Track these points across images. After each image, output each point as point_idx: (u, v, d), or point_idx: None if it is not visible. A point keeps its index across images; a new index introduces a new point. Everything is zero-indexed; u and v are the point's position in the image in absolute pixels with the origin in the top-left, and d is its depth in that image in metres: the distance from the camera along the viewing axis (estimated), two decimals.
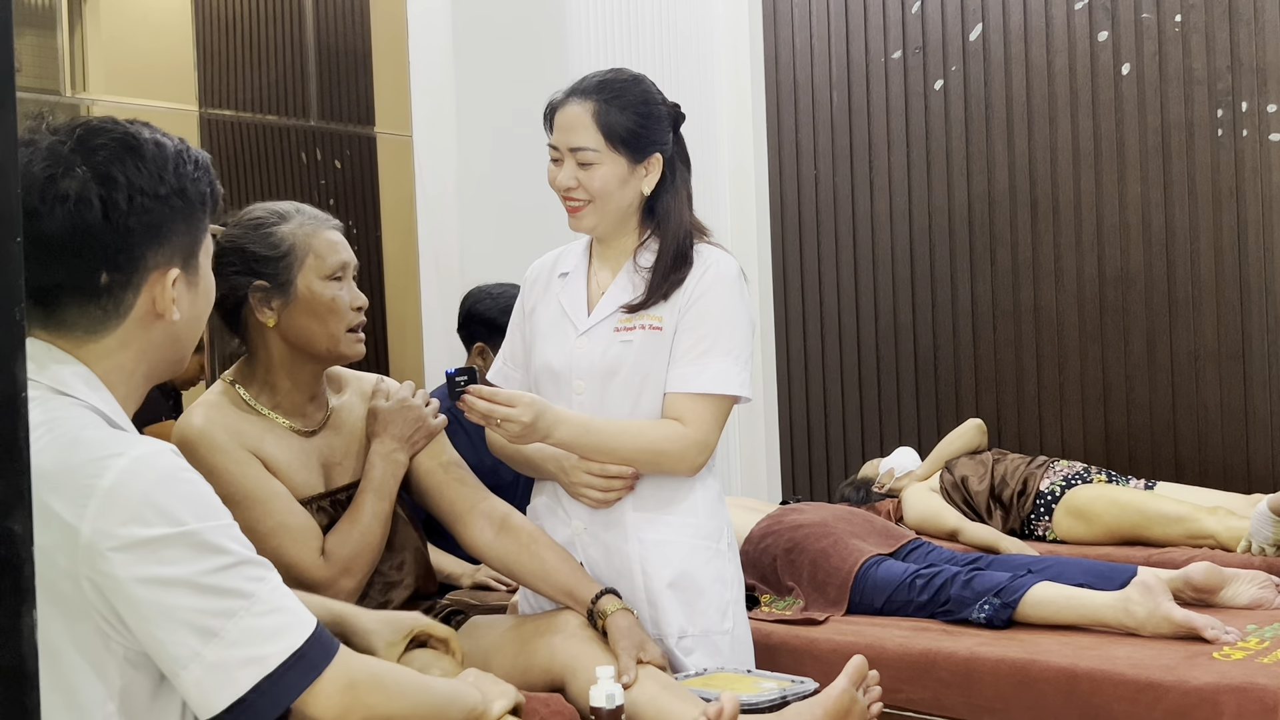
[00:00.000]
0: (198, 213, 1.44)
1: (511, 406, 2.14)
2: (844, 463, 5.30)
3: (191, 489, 1.33)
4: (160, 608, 1.28)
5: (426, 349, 4.07)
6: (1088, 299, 4.69)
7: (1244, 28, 4.35)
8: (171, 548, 1.28)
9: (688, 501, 2.36)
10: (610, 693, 1.83)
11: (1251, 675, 2.42)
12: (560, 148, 2.31)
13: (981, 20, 4.90)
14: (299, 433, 2.12)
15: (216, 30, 3.58)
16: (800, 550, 3.26)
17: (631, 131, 2.29)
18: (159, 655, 1.30)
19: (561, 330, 2.37)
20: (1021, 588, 2.92)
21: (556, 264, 2.48)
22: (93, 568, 1.26)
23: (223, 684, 1.30)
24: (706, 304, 2.30)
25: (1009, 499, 4.11)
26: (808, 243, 5.38)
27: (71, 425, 1.32)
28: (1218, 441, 4.46)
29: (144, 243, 1.38)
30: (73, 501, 1.26)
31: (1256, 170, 4.35)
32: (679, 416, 2.29)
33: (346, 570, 2.06)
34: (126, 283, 1.38)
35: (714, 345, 2.29)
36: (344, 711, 1.39)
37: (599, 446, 2.26)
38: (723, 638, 2.35)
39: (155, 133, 1.43)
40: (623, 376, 2.31)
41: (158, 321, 1.42)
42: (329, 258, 2.10)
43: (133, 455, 1.29)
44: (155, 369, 1.46)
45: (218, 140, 3.57)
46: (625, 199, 2.32)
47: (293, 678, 1.33)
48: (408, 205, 4.06)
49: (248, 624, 1.31)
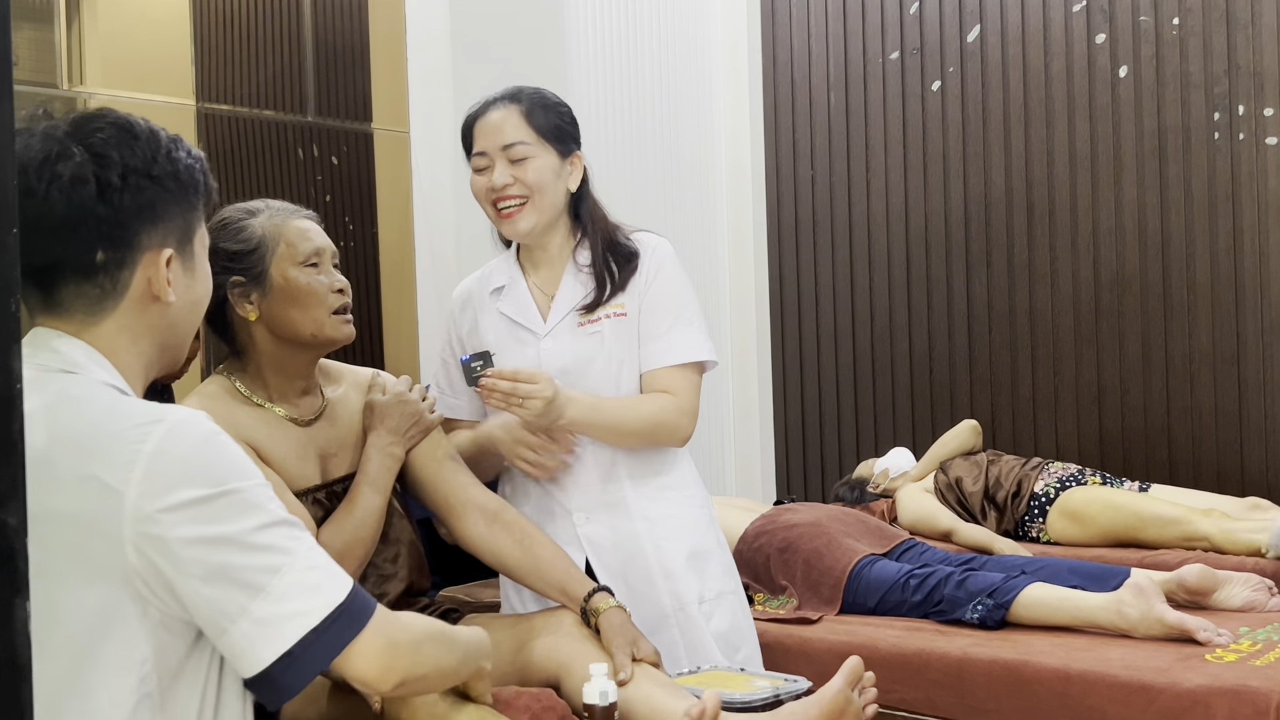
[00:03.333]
0: (191, 198, 1.48)
1: (534, 383, 2.18)
2: (838, 463, 5.30)
3: (231, 450, 1.36)
4: (209, 565, 1.30)
5: (422, 345, 4.07)
6: (1083, 302, 4.70)
7: (1241, 32, 4.36)
8: (217, 506, 1.31)
9: (678, 472, 2.47)
10: (604, 690, 1.84)
11: (1244, 678, 2.42)
12: (489, 151, 2.35)
13: (979, 22, 4.90)
14: (296, 422, 2.12)
15: (214, 25, 3.57)
16: (794, 550, 3.26)
17: (557, 126, 2.37)
18: (206, 614, 1.32)
19: (519, 340, 2.42)
20: (1015, 589, 2.92)
21: (484, 283, 2.51)
22: (139, 530, 1.29)
23: (270, 638, 1.32)
24: (662, 284, 2.41)
25: (1003, 500, 4.12)
26: (804, 243, 5.39)
27: (99, 397, 1.35)
28: (1212, 444, 4.46)
29: (138, 221, 1.41)
30: (116, 467, 1.29)
31: (1252, 174, 4.36)
32: (664, 389, 2.38)
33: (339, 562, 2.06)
34: (122, 261, 1.41)
35: (677, 319, 2.41)
36: (384, 670, 1.41)
37: (605, 423, 2.33)
38: (732, 597, 2.46)
39: (150, 123, 1.46)
40: (599, 367, 2.37)
41: (154, 304, 1.44)
42: (300, 245, 2.11)
43: (172, 420, 1.33)
44: (155, 358, 1.48)
45: (214, 135, 3.56)
46: (558, 193, 2.38)
47: (337, 631, 1.36)
48: (404, 201, 4.06)
49: (292, 579, 1.34)
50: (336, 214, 2.22)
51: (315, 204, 2.19)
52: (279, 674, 1.33)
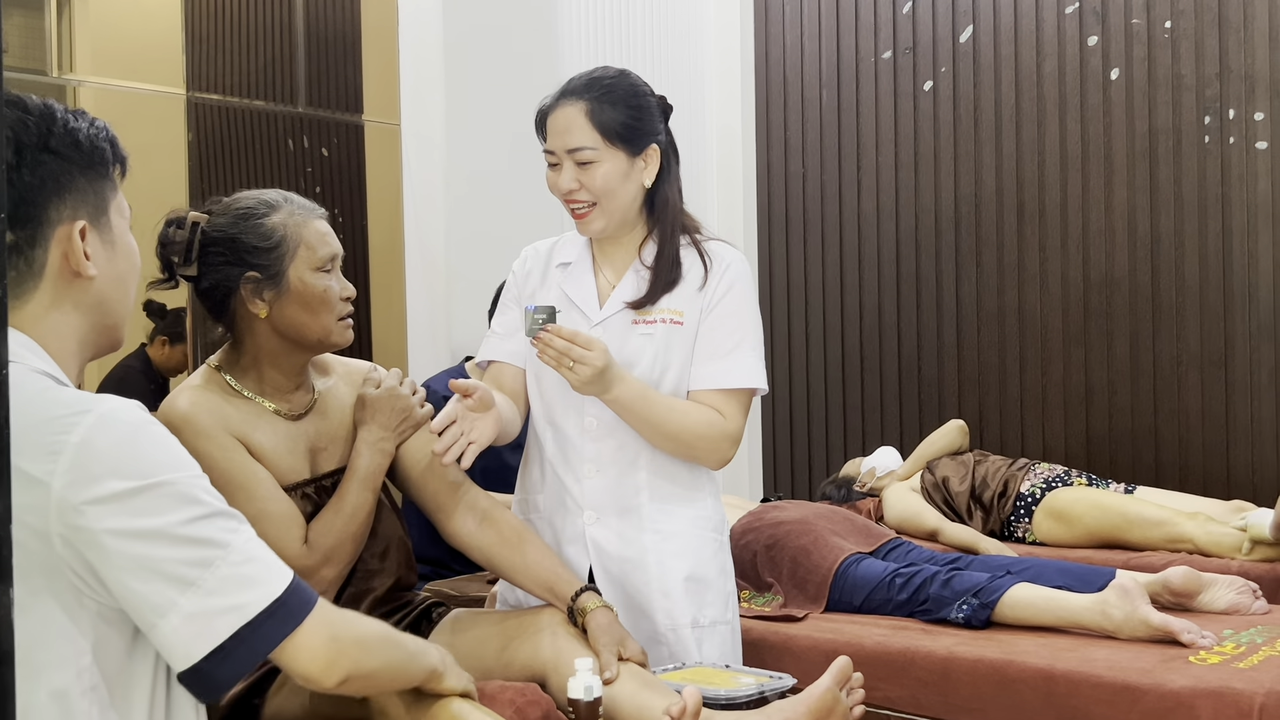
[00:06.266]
0: (98, 168, 1.44)
1: (589, 349, 2.13)
2: (826, 461, 5.31)
3: (162, 441, 1.33)
4: (136, 559, 1.28)
5: (410, 337, 4.06)
6: (1072, 303, 4.71)
7: (1233, 35, 4.37)
8: (146, 499, 1.28)
9: (700, 493, 2.40)
10: (588, 685, 1.83)
11: (1227, 680, 2.43)
12: (557, 151, 2.28)
13: (972, 22, 4.91)
14: (285, 416, 2.11)
15: (205, 14, 3.56)
16: (781, 547, 3.26)
17: (626, 125, 2.27)
18: (135, 608, 1.30)
19: (572, 321, 2.34)
20: (1000, 588, 2.92)
21: (553, 253, 2.45)
22: (65, 523, 1.26)
23: (201, 633, 1.30)
24: (731, 302, 2.33)
25: (989, 500, 4.12)
26: (794, 240, 5.39)
27: (28, 386, 1.32)
28: (1198, 447, 4.48)
29: (42, 196, 1.38)
30: (41, 459, 1.26)
31: (1242, 177, 4.37)
32: (713, 410, 2.32)
33: (328, 559, 2.05)
34: (34, 239, 1.38)
35: (741, 341, 2.33)
36: (329, 665, 1.39)
37: (648, 415, 2.25)
38: (726, 628, 2.40)
39: (43, 99, 1.43)
40: (643, 368, 2.31)
41: (76, 280, 1.41)
42: (320, 249, 2.09)
43: (100, 411, 1.30)
44: (88, 337, 1.45)
45: (204, 124, 3.55)
46: (629, 194, 2.30)
47: (272, 626, 1.33)
48: (394, 194, 4.05)
49: (225, 573, 1.31)
50: (326, 206, 2.21)
51: (304, 196, 2.17)
52: (212, 669, 1.31)
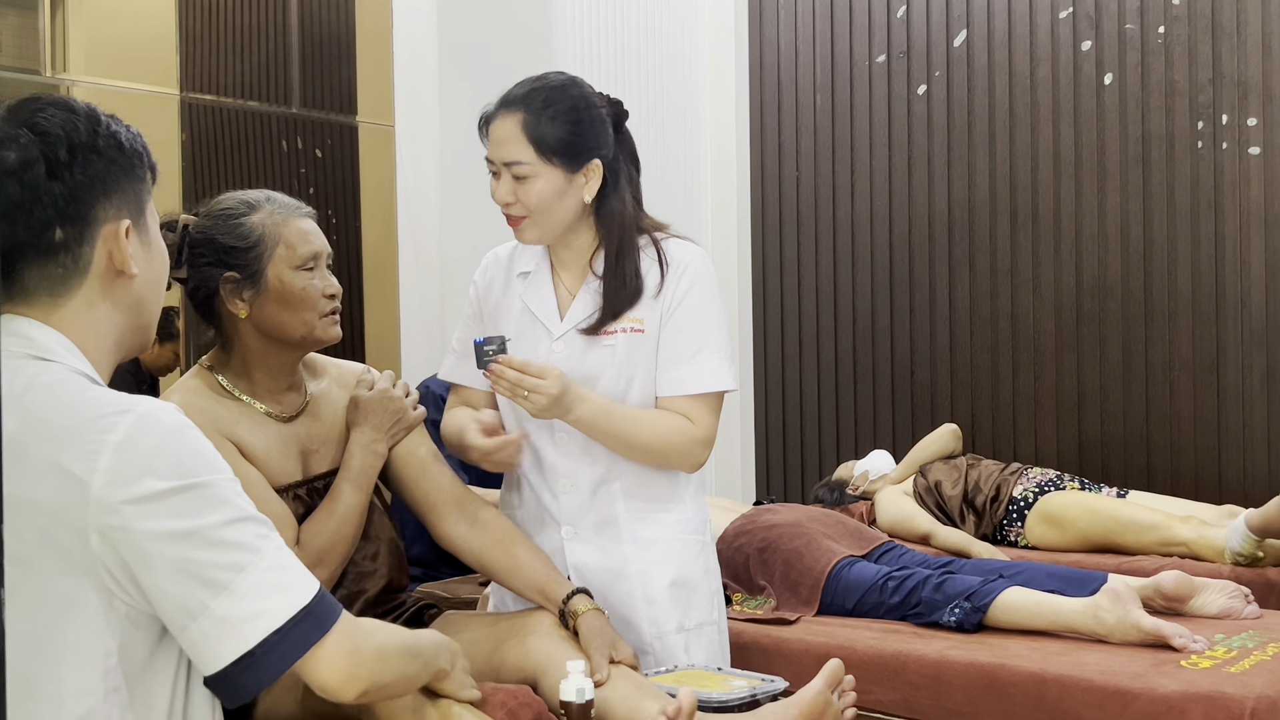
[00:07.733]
0: (138, 170, 1.46)
1: (542, 378, 2.11)
2: (818, 464, 5.31)
3: (199, 443, 1.35)
4: (171, 560, 1.29)
5: (404, 339, 4.05)
6: (1065, 307, 4.71)
7: (1226, 41, 4.38)
8: (183, 500, 1.30)
9: (677, 497, 2.36)
10: (580, 687, 1.83)
11: (1219, 684, 2.43)
12: (495, 162, 2.24)
13: (966, 26, 4.91)
14: (277, 418, 2.11)
15: (199, 14, 3.56)
16: (773, 550, 3.26)
17: (564, 141, 2.20)
18: (166, 608, 1.31)
19: (534, 334, 2.32)
20: (992, 592, 2.93)
21: (513, 261, 2.41)
22: (103, 521, 1.27)
23: (230, 637, 1.31)
24: (690, 305, 2.28)
25: (982, 505, 4.13)
26: (788, 244, 5.39)
27: (70, 385, 1.34)
28: (1190, 451, 4.48)
29: (91, 194, 1.41)
30: (82, 456, 1.27)
31: (1235, 183, 4.38)
32: (682, 416, 2.28)
33: (320, 561, 2.05)
34: (81, 237, 1.40)
35: (704, 344, 2.28)
36: (349, 678, 1.40)
37: (614, 430, 2.23)
38: (712, 628, 2.38)
39: (83, 101, 1.46)
40: (607, 380, 2.28)
41: (119, 279, 1.44)
42: (300, 248, 2.08)
43: (141, 411, 1.31)
44: (123, 337, 1.47)
45: (198, 125, 3.54)
46: (565, 210, 2.25)
47: (300, 633, 1.34)
48: (388, 195, 4.05)
49: (256, 578, 1.32)
50: (320, 207, 2.20)
51: (298, 196, 2.17)
52: (238, 674, 1.32)
